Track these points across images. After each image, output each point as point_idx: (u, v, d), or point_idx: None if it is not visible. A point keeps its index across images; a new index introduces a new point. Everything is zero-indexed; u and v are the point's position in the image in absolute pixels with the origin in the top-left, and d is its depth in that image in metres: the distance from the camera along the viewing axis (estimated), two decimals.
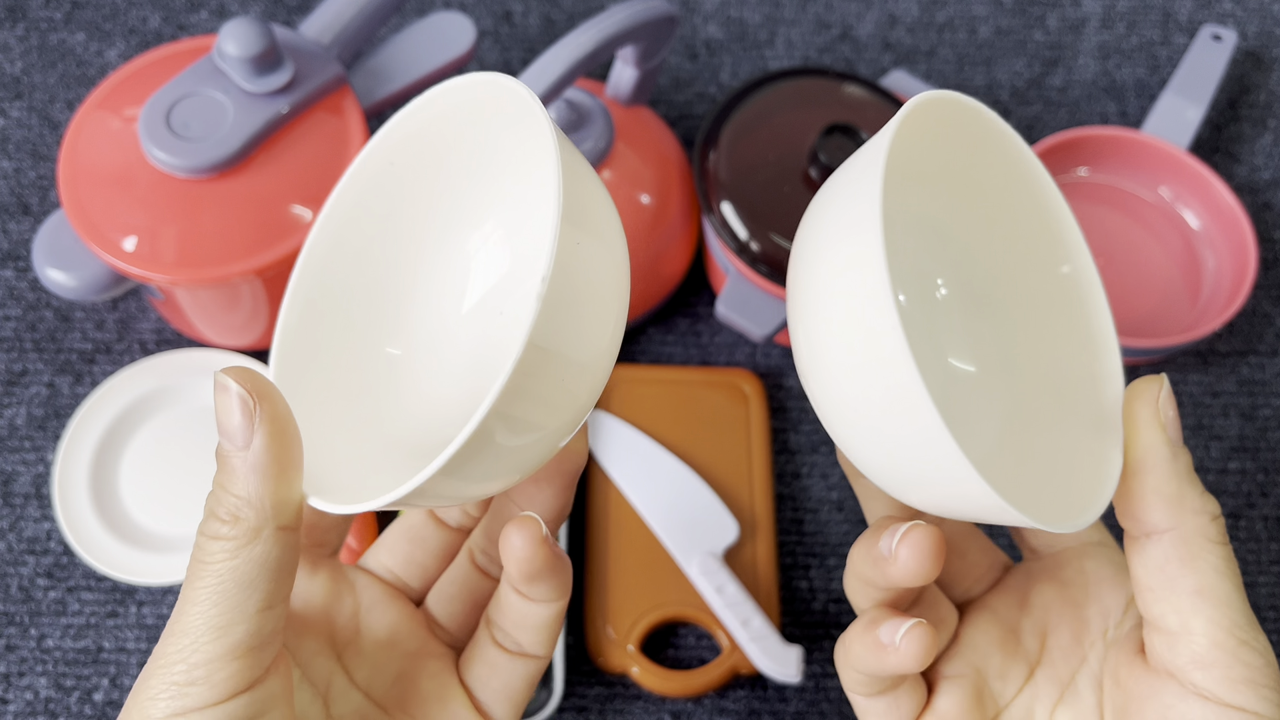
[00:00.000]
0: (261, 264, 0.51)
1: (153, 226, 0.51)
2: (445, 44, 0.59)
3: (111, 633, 0.53)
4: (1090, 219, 0.64)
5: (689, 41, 0.70)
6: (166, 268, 0.51)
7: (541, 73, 0.47)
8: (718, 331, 0.61)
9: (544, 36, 0.70)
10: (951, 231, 0.38)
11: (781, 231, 0.54)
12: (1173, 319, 0.61)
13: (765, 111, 0.58)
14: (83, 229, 0.51)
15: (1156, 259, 0.63)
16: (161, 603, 0.54)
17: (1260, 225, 0.65)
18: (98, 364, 0.59)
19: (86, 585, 0.54)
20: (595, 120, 0.54)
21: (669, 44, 0.54)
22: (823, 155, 0.54)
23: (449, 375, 0.36)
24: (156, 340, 0.60)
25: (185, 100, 0.51)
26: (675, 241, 0.58)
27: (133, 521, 0.55)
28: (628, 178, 0.55)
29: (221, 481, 0.30)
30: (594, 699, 0.53)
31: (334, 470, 0.33)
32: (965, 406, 0.36)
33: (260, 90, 0.51)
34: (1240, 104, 0.69)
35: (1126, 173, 0.65)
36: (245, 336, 0.58)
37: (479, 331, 0.36)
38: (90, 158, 0.52)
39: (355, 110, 0.55)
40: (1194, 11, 0.72)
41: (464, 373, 0.36)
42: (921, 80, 0.64)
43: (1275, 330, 0.62)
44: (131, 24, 0.69)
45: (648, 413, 0.57)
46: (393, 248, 0.37)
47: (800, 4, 0.72)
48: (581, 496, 0.56)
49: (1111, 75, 0.70)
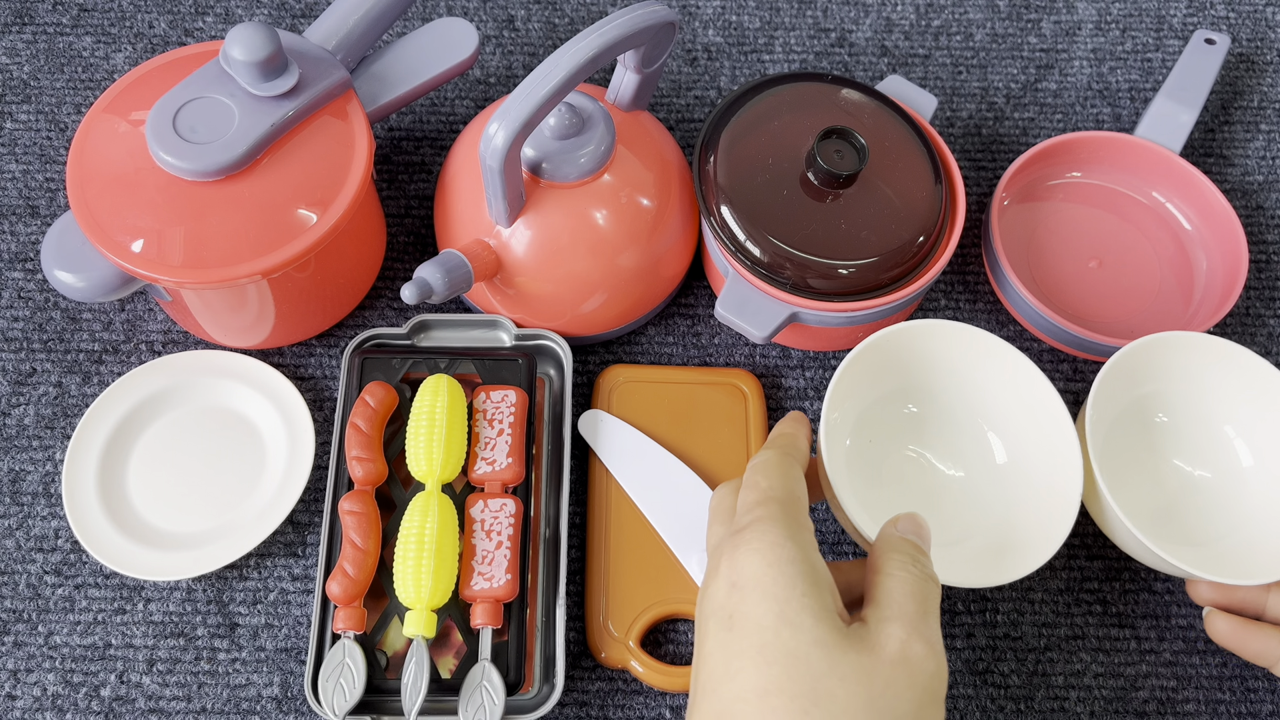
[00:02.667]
0: (268, 266, 0.52)
1: (160, 229, 0.52)
2: (449, 49, 0.60)
3: (119, 629, 0.54)
4: (1084, 221, 0.65)
5: (689, 46, 0.71)
6: (173, 270, 0.51)
7: (544, 78, 0.48)
8: (717, 332, 0.62)
9: (546, 42, 0.71)
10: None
11: (779, 234, 0.55)
12: (1166, 320, 0.61)
13: (763, 116, 0.58)
14: (91, 231, 0.52)
15: (1149, 261, 0.64)
16: (168, 599, 0.54)
17: (1252, 228, 0.66)
18: (105, 364, 0.60)
19: (94, 582, 0.55)
20: (597, 124, 0.55)
21: (669, 49, 0.55)
22: (819, 158, 0.55)
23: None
24: (164, 341, 0.61)
25: (192, 104, 0.52)
26: (675, 243, 0.59)
27: (140, 519, 0.55)
28: (628, 181, 0.56)
29: None
30: (595, 694, 0.53)
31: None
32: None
33: (266, 94, 0.52)
34: (1232, 107, 0.70)
35: (1119, 176, 0.66)
36: (252, 338, 0.59)
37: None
38: (98, 161, 0.53)
39: (360, 114, 0.55)
40: (1187, 16, 0.73)
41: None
42: (917, 85, 0.65)
43: (1267, 331, 0.63)
44: (138, 29, 0.70)
45: (648, 412, 0.58)
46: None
47: (798, 10, 0.72)
48: (583, 495, 0.57)
49: (1105, 79, 0.71)
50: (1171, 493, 0.55)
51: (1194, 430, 0.56)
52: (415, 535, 0.50)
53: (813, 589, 0.38)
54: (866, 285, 0.55)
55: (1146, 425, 0.56)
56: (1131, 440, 0.56)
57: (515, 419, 0.55)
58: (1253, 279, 0.64)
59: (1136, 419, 0.56)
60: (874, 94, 0.59)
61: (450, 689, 0.50)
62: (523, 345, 0.59)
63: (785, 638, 0.37)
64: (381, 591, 0.52)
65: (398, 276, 0.63)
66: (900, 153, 0.58)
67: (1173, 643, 0.55)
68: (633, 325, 0.61)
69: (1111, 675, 0.54)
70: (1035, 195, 0.65)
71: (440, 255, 0.53)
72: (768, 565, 0.39)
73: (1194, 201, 0.64)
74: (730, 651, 0.38)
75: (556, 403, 0.58)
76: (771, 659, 0.37)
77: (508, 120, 0.48)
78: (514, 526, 0.52)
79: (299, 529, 0.56)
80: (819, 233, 0.55)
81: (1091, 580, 0.56)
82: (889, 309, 0.56)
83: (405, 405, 0.56)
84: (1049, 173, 0.65)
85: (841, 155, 0.56)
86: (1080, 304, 0.62)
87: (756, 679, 0.37)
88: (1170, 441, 0.56)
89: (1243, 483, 0.54)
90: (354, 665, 0.50)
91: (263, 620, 0.54)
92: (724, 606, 0.39)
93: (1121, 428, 0.55)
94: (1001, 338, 0.62)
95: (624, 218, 0.56)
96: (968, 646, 0.55)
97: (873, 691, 0.36)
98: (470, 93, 0.69)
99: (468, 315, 0.59)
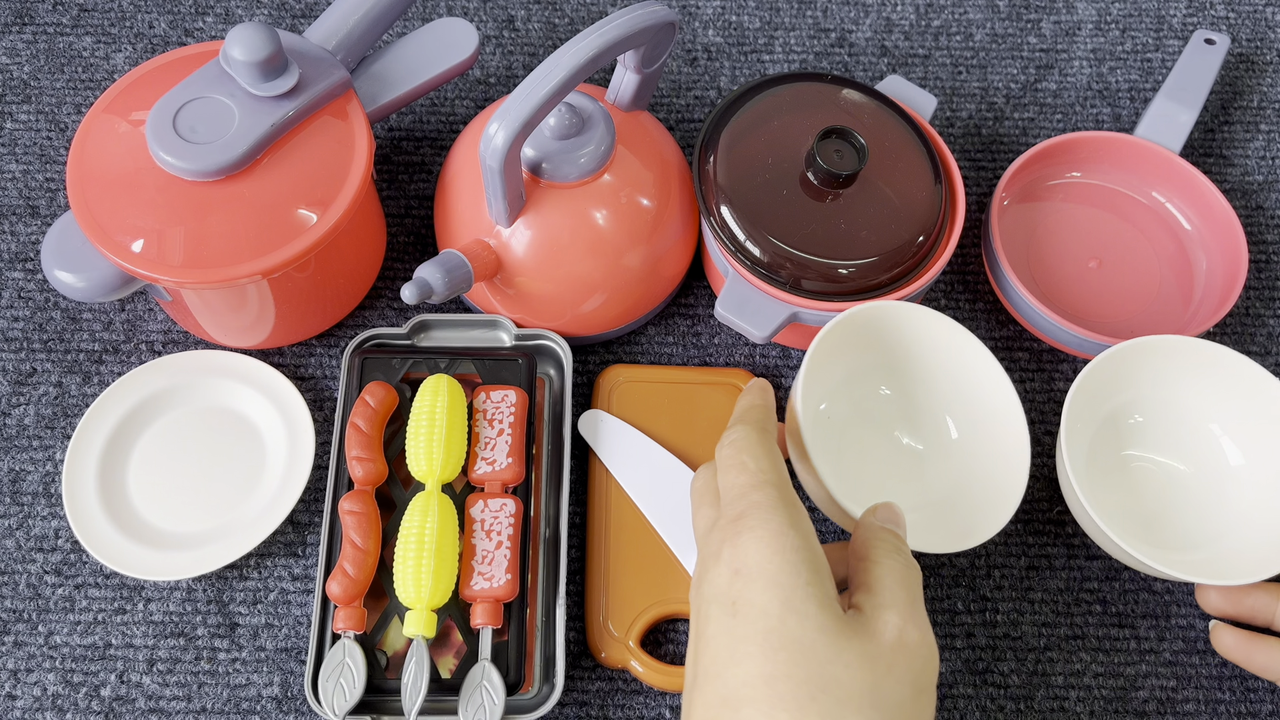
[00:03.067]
0: (268, 266, 0.52)
1: (160, 229, 0.52)
2: (449, 50, 0.60)
3: (119, 629, 0.54)
4: (1083, 221, 0.65)
5: (689, 47, 0.71)
6: (174, 270, 0.51)
7: (544, 78, 0.48)
8: (717, 332, 0.62)
9: (546, 42, 0.71)
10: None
11: (779, 234, 0.55)
12: (1165, 320, 0.61)
13: (763, 116, 0.58)
14: (91, 231, 0.52)
15: (1149, 260, 0.64)
16: (169, 599, 0.54)
17: (1252, 228, 0.66)
18: (106, 364, 0.60)
19: (94, 582, 0.55)
20: (597, 124, 0.55)
21: (669, 50, 0.55)
22: (819, 158, 0.55)
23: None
24: (164, 341, 0.61)
25: (192, 104, 0.52)
26: (675, 243, 0.59)
27: (140, 519, 0.55)
28: (628, 181, 0.56)
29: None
30: (595, 694, 0.53)
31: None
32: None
33: (266, 94, 0.52)
34: (1232, 107, 0.70)
35: (1119, 176, 0.66)
36: (252, 337, 0.59)
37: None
38: (98, 161, 0.53)
39: (360, 115, 0.55)
40: (1187, 16, 0.73)
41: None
42: (916, 85, 0.65)
43: (1267, 331, 0.63)
44: (139, 29, 0.70)
45: (647, 412, 0.58)
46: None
47: (798, 10, 0.72)
48: (583, 495, 0.57)
49: (1105, 79, 0.71)
50: (1162, 497, 0.55)
51: (1180, 432, 0.56)
52: (415, 535, 0.50)
53: (815, 577, 0.38)
54: (866, 285, 0.55)
55: (1131, 430, 0.57)
56: (1116, 447, 0.56)
57: (515, 419, 0.55)
58: (1252, 279, 0.64)
59: (1119, 425, 0.56)
60: (874, 94, 0.59)
61: (450, 689, 0.50)
62: (523, 345, 0.59)
63: (791, 625, 0.37)
64: (382, 591, 0.52)
65: (398, 276, 0.63)
66: (900, 153, 0.58)
67: (1172, 642, 0.55)
68: (633, 325, 0.61)
69: (1111, 675, 0.54)
70: (1035, 195, 0.65)
71: (440, 255, 0.53)
72: (773, 553, 0.39)
73: (1194, 202, 0.64)
74: (735, 637, 0.38)
75: (556, 403, 0.58)
76: (778, 645, 0.37)
77: (508, 120, 0.48)
78: (514, 526, 0.52)
79: (299, 529, 0.56)
80: (819, 232, 0.55)
81: (1091, 580, 0.56)
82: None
83: (405, 405, 0.56)
84: (1049, 173, 0.65)
85: (841, 155, 0.56)
86: (1080, 304, 0.62)
87: (763, 665, 0.37)
88: (1156, 445, 0.56)
89: (1232, 483, 0.55)
90: (354, 665, 0.50)
91: (263, 620, 0.54)
92: (727, 593, 0.39)
93: (1106, 435, 0.56)
94: (1001, 337, 0.62)
95: (624, 218, 0.56)
96: (968, 646, 0.55)
97: (876, 677, 0.37)
98: (470, 93, 0.69)
99: (468, 315, 0.59)
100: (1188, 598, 0.56)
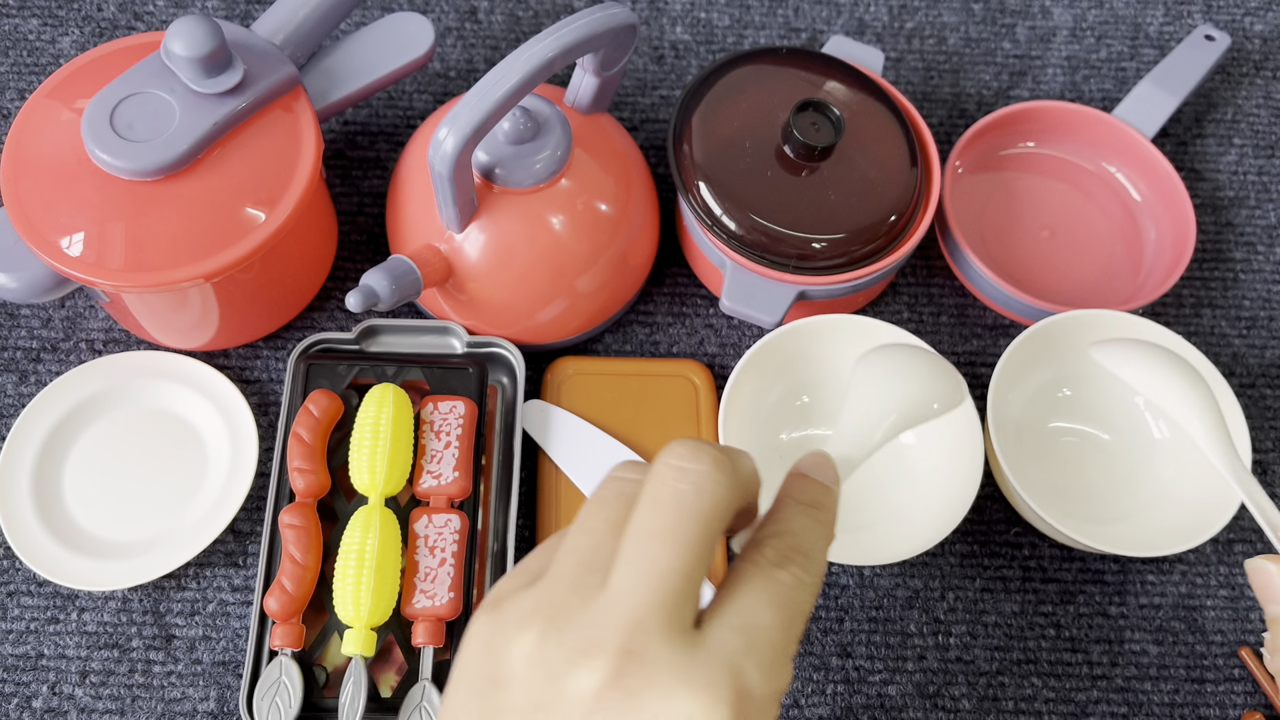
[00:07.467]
0: (211, 269, 0.50)
1: (97, 229, 0.50)
2: (403, 45, 0.58)
3: (52, 639, 0.52)
4: (1036, 190, 0.65)
5: (655, 44, 0.69)
6: (111, 273, 0.49)
7: (496, 83, 0.46)
8: (675, 341, 0.61)
9: (509, 35, 0.69)
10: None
11: (764, 214, 0.55)
12: (1116, 289, 0.62)
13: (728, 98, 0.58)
14: (24, 230, 0.50)
15: (1100, 230, 0.64)
16: (103, 609, 0.53)
17: (1222, 245, 0.65)
18: (43, 363, 0.58)
19: (26, 590, 0.53)
20: (553, 129, 0.53)
21: (629, 53, 0.53)
22: (797, 131, 0.55)
23: None
24: (105, 340, 0.59)
25: (130, 99, 0.50)
26: (635, 249, 0.57)
27: (76, 526, 0.54)
28: (586, 186, 0.55)
29: None
30: None
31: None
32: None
33: (209, 91, 0.50)
34: (1206, 120, 0.69)
35: (1071, 146, 0.66)
36: (195, 339, 0.57)
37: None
38: (35, 153, 0.51)
39: (308, 112, 0.54)
40: (1163, 25, 0.72)
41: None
42: (859, 43, 0.64)
43: (1210, 301, 0.64)
44: (86, 11, 0.67)
45: (598, 404, 0.57)
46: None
47: (769, 8, 0.71)
48: (531, 489, 0.56)
49: (1079, 88, 0.69)
50: (1089, 471, 0.57)
51: (1106, 405, 0.58)
52: (356, 552, 0.49)
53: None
54: (865, 252, 0.56)
55: (1060, 404, 0.58)
56: (1045, 419, 0.58)
57: (463, 431, 0.53)
58: (1201, 253, 0.65)
59: (1049, 399, 0.58)
60: (834, 62, 0.60)
61: (390, 708, 0.49)
62: (474, 353, 0.58)
63: None
64: (323, 606, 0.51)
65: (349, 277, 0.61)
66: (874, 125, 0.58)
67: (1125, 669, 0.54)
68: (589, 334, 0.59)
69: (1063, 700, 0.54)
70: (989, 165, 0.65)
71: (388, 261, 0.52)
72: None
73: (1143, 171, 0.64)
74: None
75: (508, 412, 0.57)
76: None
77: (457, 126, 0.47)
78: (459, 543, 0.51)
79: (240, 538, 0.55)
80: (809, 208, 0.55)
81: (1045, 604, 0.55)
82: (890, 269, 0.57)
83: (352, 412, 0.54)
84: (1002, 142, 0.65)
85: (818, 128, 0.56)
86: (1033, 273, 0.62)
87: None
88: (1084, 417, 0.58)
89: (1158, 456, 0.56)
90: (290, 683, 0.48)
91: (200, 632, 0.53)
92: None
93: (1035, 409, 0.57)
94: (952, 305, 0.62)
95: (581, 224, 0.55)
96: (919, 669, 0.54)
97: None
98: (429, 86, 0.67)
99: (418, 320, 0.58)
100: (1142, 623, 0.55)
